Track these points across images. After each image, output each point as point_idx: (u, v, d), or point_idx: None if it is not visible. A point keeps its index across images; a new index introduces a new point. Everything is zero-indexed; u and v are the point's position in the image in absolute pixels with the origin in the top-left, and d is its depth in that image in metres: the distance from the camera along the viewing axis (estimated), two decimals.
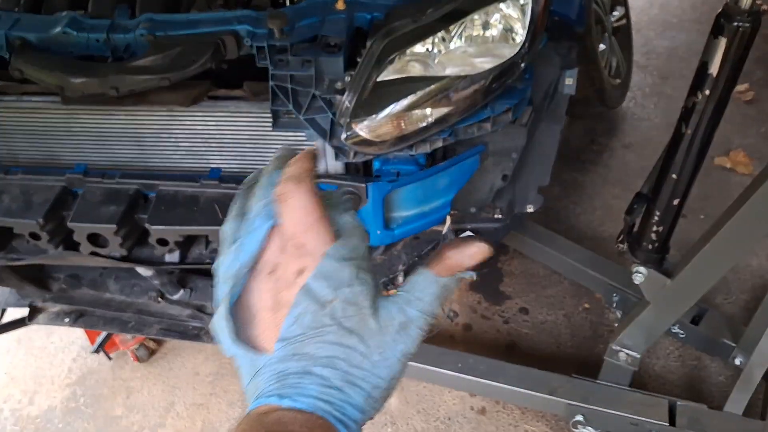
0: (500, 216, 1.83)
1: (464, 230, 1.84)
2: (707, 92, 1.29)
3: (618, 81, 2.92)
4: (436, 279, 0.47)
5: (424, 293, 0.46)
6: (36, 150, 1.61)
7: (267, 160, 1.68)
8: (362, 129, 1.39)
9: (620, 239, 1.66)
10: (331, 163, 1.52)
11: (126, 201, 1.43)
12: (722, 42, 1.23)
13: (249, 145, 1.55)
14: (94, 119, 1.54)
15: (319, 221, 0.45)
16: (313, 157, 0.49)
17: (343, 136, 1.41)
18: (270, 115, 1.44)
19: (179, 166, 1.58)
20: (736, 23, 1.21)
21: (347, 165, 1.53)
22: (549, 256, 2.24)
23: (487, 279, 2.40)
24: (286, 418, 0.41)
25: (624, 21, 3.02)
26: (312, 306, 0.44)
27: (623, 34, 3.02)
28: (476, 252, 0.47)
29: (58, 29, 1.43)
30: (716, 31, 1.24)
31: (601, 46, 2.70)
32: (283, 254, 0.46)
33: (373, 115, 1.38)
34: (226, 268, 0.47)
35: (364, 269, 0.46)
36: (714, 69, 1.26)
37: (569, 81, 1.66)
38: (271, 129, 1.46)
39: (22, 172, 1.50)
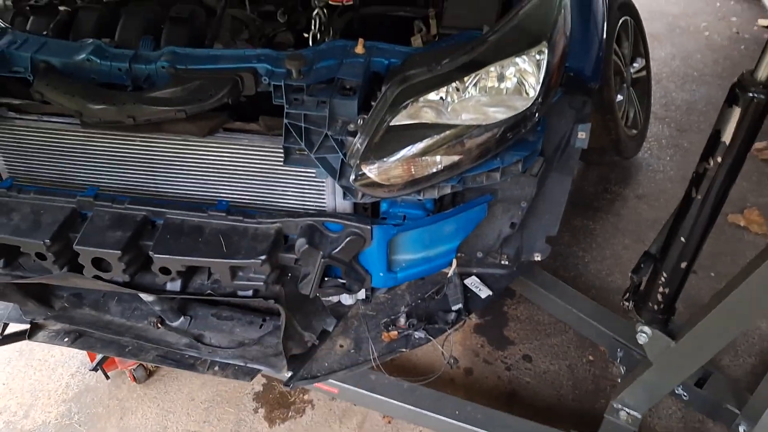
0: (507, 263, 1.82)
1: (470, 274, 1.83)
2: (719, 159, 1.29)
3: (634, 132, 2.91)
4: None
5: None
6: (51, 169, 1.64)
7: (275, 195, 1.69)
8: (372, 171, 1.40)
9: (626, 297, 1.64)
10: (339, 202, 1.53)
11: (133, 227, 1.45)
12: (736, 111, 1.23)
13: (259, 179, 1.56)
14: (110, 144, 1.57)
15: None
16: None
17: (352, 177, 1.42)
18: (282, 150, 1.45)
19: (189, 194, 1.60)
20: (751, 94, 1.20)
21: (355, 205, 1.53)
22: (555, 305, 2.21)
23: (491, 323, 2.37)
24: None
25: (644, 72, 3.03)
26: None
27: (642, 85, 3.03)
28: None
29: (82, 56, 1.47)
30: (731, 100, 1.24)
31: (619, 97, 2.71)
32: None
33: (384, 159, 1.39)
34: None
35: None
36: (727, 137, 1.26)
37: (582, 135, 1.67)
38: (282, 164, 1.47)
39: (34, 191, 1.52)
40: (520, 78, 1.42)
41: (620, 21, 2.75)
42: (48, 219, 1.45)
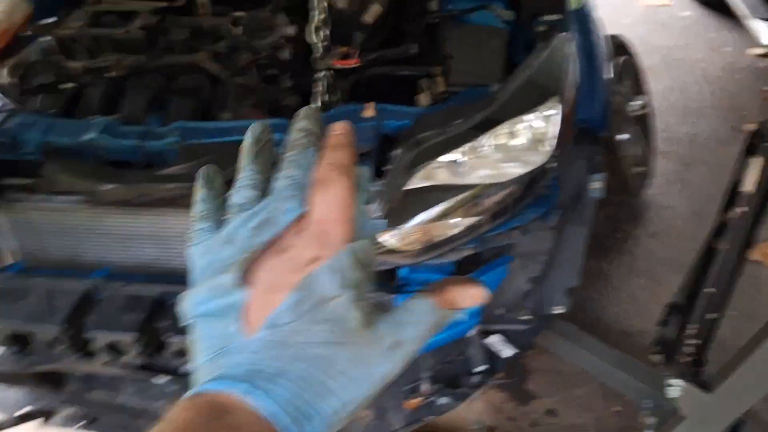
0: (528, 317, 1.78)
1: (491, 332, 1.79)
2: (741, 210, 1.26)
3: (640, 169, 2.90)
4: (435, 309, 0.45)
5: (423, 318, 0.44)
6: (62, 248, 1.61)
7: None
8: (390, 239, 1.38)
9: (654, 351, 1.60)
10: None
11: (146, 308, 1.41)
12: (757, 161, 1.21)
13: None
14: (121, 221, 1.54)
15: (350, 219, 0.44)
16: (353, 136, 0.48)
17: None
18: None
19: None
20: None
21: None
22: (577, 355, 2.15)
23: (513, 376, 2.31)
24: (239, 422, 0.37)
25: (644, 109, 3.04)
26: (314, 297, 0.41)
27: (644, 121, 3.03)
28: (475, 294, 0.46)
29: (92, 135, 1.46)
30: (750, 150, 1.23)
31: (623, 136, 2.71)
32: (299, 237, 0.43)
33: (402, 225, 1.37)
34: (243, 236, 0.43)
35: (373, 278, 0.44)
36: (748, 187, 1.24)
37: (596, 185, 1.65)
38: None
39: (45, 275, 1.49)
40: (533, 134, 1.41)
41: (619, 61, 2.78)
42: (60, 303, 1.42)
